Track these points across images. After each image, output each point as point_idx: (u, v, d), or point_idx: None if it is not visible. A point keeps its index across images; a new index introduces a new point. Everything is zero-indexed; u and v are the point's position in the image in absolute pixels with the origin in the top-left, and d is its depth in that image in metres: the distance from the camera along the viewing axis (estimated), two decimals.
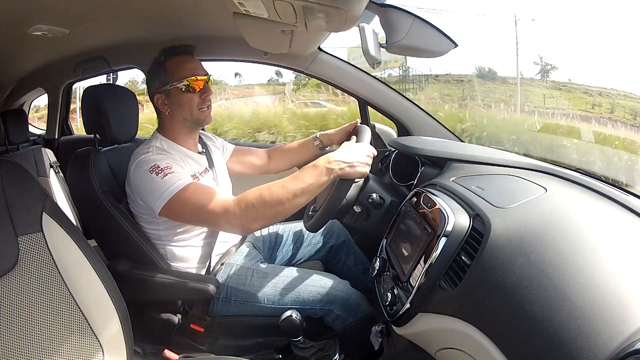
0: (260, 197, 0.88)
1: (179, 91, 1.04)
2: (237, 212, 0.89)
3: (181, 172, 0.97)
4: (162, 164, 0.95)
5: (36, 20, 1.20)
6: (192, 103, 1.05)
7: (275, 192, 0.87)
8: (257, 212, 0.88)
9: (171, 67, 1.05)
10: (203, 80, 1.05)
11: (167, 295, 1.04)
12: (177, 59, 1.06)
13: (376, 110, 1.58)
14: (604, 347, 0.42)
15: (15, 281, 0.66)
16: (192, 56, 1.08)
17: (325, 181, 0.88)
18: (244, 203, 0.89)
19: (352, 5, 0.76)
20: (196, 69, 1.05)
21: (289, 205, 0.87)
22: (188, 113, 1.06)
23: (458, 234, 0.69)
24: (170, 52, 1.06)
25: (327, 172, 0.88)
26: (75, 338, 0.70)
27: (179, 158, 1.02)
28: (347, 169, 0.89)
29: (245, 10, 0.92)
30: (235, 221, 0.89)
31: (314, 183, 0.87)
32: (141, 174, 0.96)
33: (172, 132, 1.09)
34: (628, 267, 0.52)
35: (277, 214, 0.89)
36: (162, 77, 1.05)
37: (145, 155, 0.98)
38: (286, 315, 0.90)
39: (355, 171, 0.90)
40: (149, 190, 0.95)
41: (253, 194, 0.89)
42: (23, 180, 0.74)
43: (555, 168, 0.89)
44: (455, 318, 0.62)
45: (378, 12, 0.90)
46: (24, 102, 2.29)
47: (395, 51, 0.92)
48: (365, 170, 0.91)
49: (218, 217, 0.91)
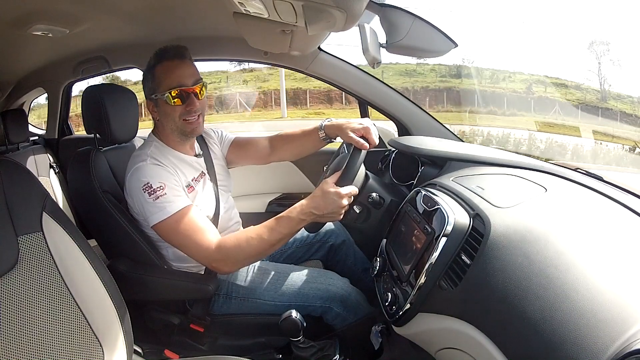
0: (239, 247, 0.94)
1: (164, 102, 1.01)
2: (218, 258, 0.94)
3: (174, 192, 0.96)
4: (155, 183, 0.94)
5: (36, 20, 1.20)
6: (175, 114, 1.01)
7: (253, 244, 0.93)
8: (236, 260, 0.95)
9: (159, 74, 1.01)
10: (190, 90, 1.00)
11: (167, 295, 1.04)
12: (166, 64, 1.01)
13: (376, 110, 1.58)
14: (604, 347, 0.42)
15: (15, 281, 0.66)
16: (183, 60, 1.02)
17: (298, 229, 0.95)
18: (224, 251, 0.94)
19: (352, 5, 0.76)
20: (183, 78, 1.00)
21: (264, 253, 0.96)
22: (173, 124, 1.03)
23: (458, 233, 0.69)
24: (160, 56, 1.02)
25: (299, 222, 0.93)
26: (75, 338, 0.70)
27: (173, 169, 1.00)
28: (318, 218, 0.93)
29: (245, 10, 0.92)
30: (215, 265, 0.96)
31: (289, 233, 0.94)
32: (135, 188, 0.96)
33: (166, 137, 1.07)
34: (628, 267, 0.52)
35: (253, 261, 1.03)
36: (151, 85, 1.03)
37: (140, 166, 0.97)
38: (286, 315, 0.91)
39: (326, 220, 0.95)
40: (141, 207, 0.97)
41: (232, 243, 0.94)
42: (23, 180, 0.74)
43: (556, 168, 0.89)
44: (455, 318, 0.62)
45: (378, 12, 0.90)
46: (24, 102, 2.28)
47: (395, 51, 0.92)
48: (338, 217, 0.94)
49: (199, 257, 0.97)
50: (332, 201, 0.90)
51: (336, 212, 0.92)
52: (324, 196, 0.91)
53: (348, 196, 0.92)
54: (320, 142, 1.18)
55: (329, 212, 0.91)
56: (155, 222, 0.94)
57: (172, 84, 0.99)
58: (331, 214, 0.92)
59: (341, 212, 0.92)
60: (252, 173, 1.71)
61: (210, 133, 1.26)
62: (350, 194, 0.93)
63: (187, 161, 1.08)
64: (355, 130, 1.01)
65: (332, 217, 0.93)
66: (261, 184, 1.79)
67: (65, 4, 1.14)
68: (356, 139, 0.99)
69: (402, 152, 1.21)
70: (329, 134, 1.14)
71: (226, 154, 1.27)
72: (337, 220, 0.95)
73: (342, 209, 0.92)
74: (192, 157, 1.11)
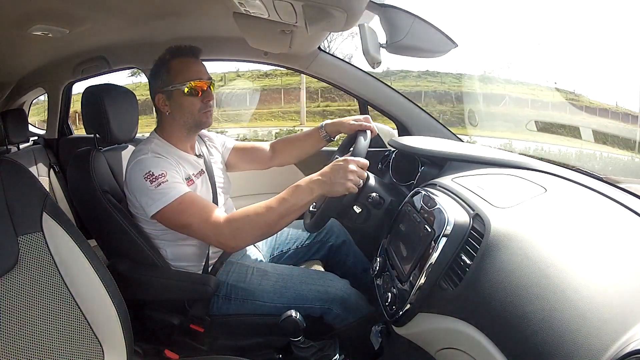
0: (248, 218, 0.92)
1: (181, 93, 1.03)
2: (227, 232, 0.92)
3: (175, 180, 0.97)
4: (157, 171, 0.95)
5: (36, 20, 1.20)
6: (193, 107, 1.04)
7: (262, 213, 0.91)
8: (245, 233, 0.93)
9: (175, 67, 1.04)
10: (206, 84, 1.05)
11: (167, 295, 1.04)
12: (182, 60, 1.05)
13: (376, 110, 1.58)
14: (604, 347, 0.42)
15: (15, 281, 0.66)
16: (197, 59, 1.07)
17: (309, 201, 0.91)
18: (233, 224, 0.92)
19: (352, 5, 0.77)
20: (200, 73, 1.05)
21: (274, 226, 0.92)
22: (189, 116, 1.05)
23: (458, 234, 0.69)
24: (176, 52, 1.05)
25: (308, 192, 0.90)
26: (75, 338, 0.70)
27: (174, 162, 1.02)
28: (327, 187, 0.89)
29: (245, 10, 0.92)
30: (223, 240, 0.93)
31: (298, 203, 0.90)
32: (136, 178, 0.96)
33: (170, 134, 1.08)
34: (628, 266, 0.52)
35: (263, 235, 0.96)
36: (165, 77, 1.04)
37: (142, 158, 0.98)
38: (286, 315, 0.90)
39: (336, 190, 0.89)
40: (142, 196, 0.96)
41: (241, 215, 0.93)
42: (23, 180, 0.74)
43: (555, 168, 0.89)
44: (455, 318, 0.62)
45: (378, 12, 0.90)
46: (24, 102, 2.28)
47: (395, 51, 0.92)
48: (348, 185, 0.88)
49: (208, 235, 0.95)
50: (339, 167, 0.89)
51: (344, 178, 0.87)
52: (332, 166, 0.91)
53: (356, 163, 0.90)
54: (321, 141, 1.24)
55: (337, 179, 0.88)
56: (159, 208, 0.93)
57: (192, 77, 1.03)
58: (340, 182, 0.88)
59: (349, 178, 0.88)
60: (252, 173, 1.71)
61: (212, 136, 1.28)
62: (359, 162, 0.91)
63: (187, 158, 1.09)
64: (356, 120, 1.15)
65: (341, 184, 0.88)
66: (261, 184, 1.79)
67: (65, 4, 1.14)
68: (360, 123, 1.13)
69: (402, 152, 1.21)
70: (330, 132, 1.22)
71: (227, 159, 1.29)
72: (348, 190, 0.88)
73: (349, 174, 0.88)
74: (192, 155, 1.12)
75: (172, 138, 1.08)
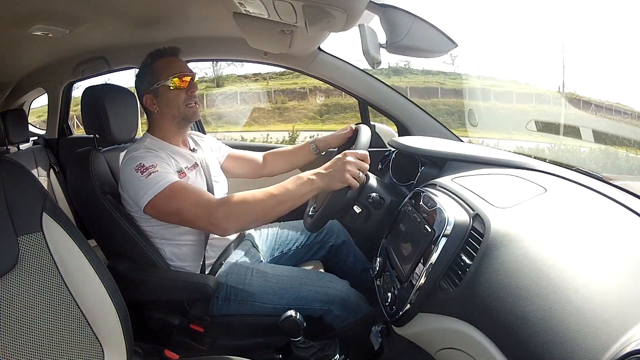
0: (244, 200, 0.91)
1: (167, 89, 1.07)
2: (220, 214, 0.90)
3: (166, 170, 0.98)
4: (148, 162, 0.97)
5: (36, 20, 1.20)
6: (179, 99, 1.08)
7: (259, 197, 0.90)
8: (239, 216, 0.91)
9: (158, 67, 1.09)
10: (189, 76, 1.09)
11: (167, 295, 1.04)
12: (164, 59, 1.10)
13: (376, 110, 1.58)
14: (604, 347, 0.42)
15: (15, 281, 0.66)
16: (177, 57, 1.13)
17: (306, 192, 0.90)
18: (227, 205, 0.91)
19: (352, 5, 0.77)
20: (182, 67, 1.10)
21: (271, 211, 0.90)
22: (176, 110, 1.09)
23: (458, 234, 0.69)
24: (156, 55, 1.11)
25: (308, 183, 0.90)
26: (75, 338, 0.70)
27: (166, 155, 1.04)
28: (327, 179, 0.89)
29: (245, 10, 0.92)
30: (215, 221, 0.91)
31: (297, 192, 0.90)
32: (128, 172, 0.98)
33: (162, 131, 1.12)
34: (628, 266, 0.52)
35: (257, 220, 0.93)
36: (150, 77, 1.09)
37: (133, 154, 1.00)
38: (286, 315, 0.91)
39: (335, 182, 0.89)
40: (134, 189, 0.97)
41: (238, 197, 0.92)
42: (23, 180, 0.74)
43: (555, 168, 0.89)
44: (455, 318, 0.62)
45: (378, 12, 0.90)
46: (24, 102, 2.28)
47: (395, 51, 0.92)
48: (347, 176, 0.88)
49: (199, 216, 0.92)
50: (337, 159, 0.91)
51: (342, 170, 0.88)
52: (332, 160, 0.93)
53: (354, 155, 0.90)
54: (310, 155, 1.32)
55: (335, 171, 0.88)
56: (151, 197, 0.93)
57: (175, 72, 1.08)
58: (338, 174, 0.88)
59: (347, 169, 0.88)
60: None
61: (204, 137, 1.33)
62: (357, 154, 0.91)
63: (180, 152, 1.12)
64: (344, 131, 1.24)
65: (340, 176, 0.88)
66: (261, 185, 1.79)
67: (65, 4, 1.14)
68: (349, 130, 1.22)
69: (402, 152, 1.21)
70: (320, 146, 1.30)
71: (222, 164, 1.33)
72: (347, 181, 0.88)
73: (347, 165, 0.88)
74: (186, 149, 1.16)
75: (163, 134, 1.11)
